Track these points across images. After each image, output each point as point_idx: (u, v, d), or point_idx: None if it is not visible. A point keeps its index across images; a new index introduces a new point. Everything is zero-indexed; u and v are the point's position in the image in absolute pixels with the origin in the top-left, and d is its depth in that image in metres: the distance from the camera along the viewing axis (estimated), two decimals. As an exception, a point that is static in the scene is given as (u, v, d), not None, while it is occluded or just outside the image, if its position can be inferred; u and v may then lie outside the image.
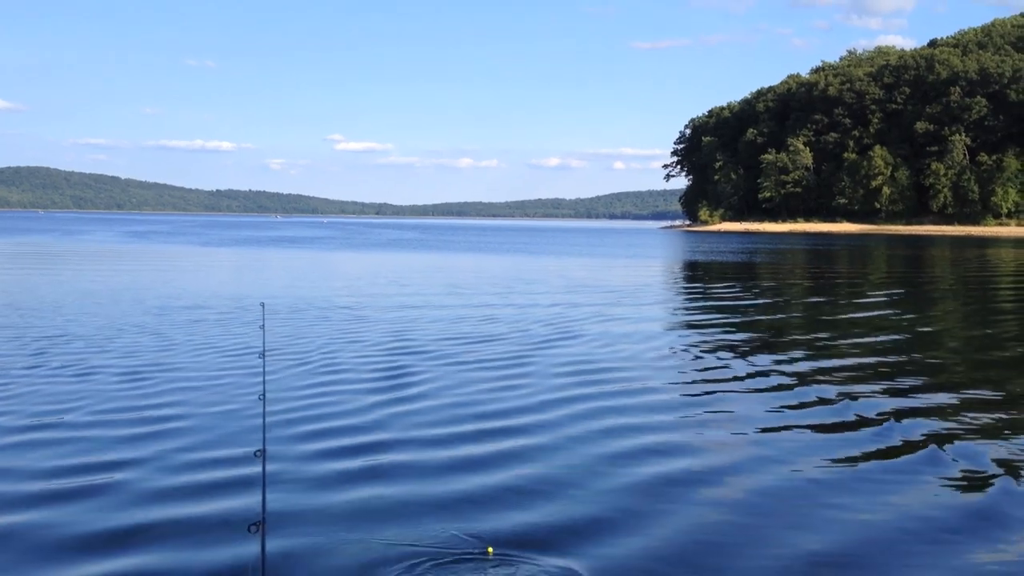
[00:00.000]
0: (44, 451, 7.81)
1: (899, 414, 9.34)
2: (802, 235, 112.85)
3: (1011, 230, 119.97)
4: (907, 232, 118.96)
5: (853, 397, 10.24)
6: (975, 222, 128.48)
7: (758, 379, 11.60)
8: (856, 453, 7.85)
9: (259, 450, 5.18)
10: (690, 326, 18.27)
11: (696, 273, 40.37)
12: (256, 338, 15.04)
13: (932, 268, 44.43)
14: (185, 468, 7.29)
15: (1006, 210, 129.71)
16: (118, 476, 7.04)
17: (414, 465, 7.44)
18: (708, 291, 28.18)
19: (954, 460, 7.64)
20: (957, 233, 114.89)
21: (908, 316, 20.37)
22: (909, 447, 8.07)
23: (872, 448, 8.03)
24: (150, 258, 45.56)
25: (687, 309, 22.70)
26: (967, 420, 9.15)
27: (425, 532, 5.84)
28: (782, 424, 9.01)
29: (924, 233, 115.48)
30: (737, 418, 9.31)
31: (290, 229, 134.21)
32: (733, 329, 17.39)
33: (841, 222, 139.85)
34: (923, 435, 8.45)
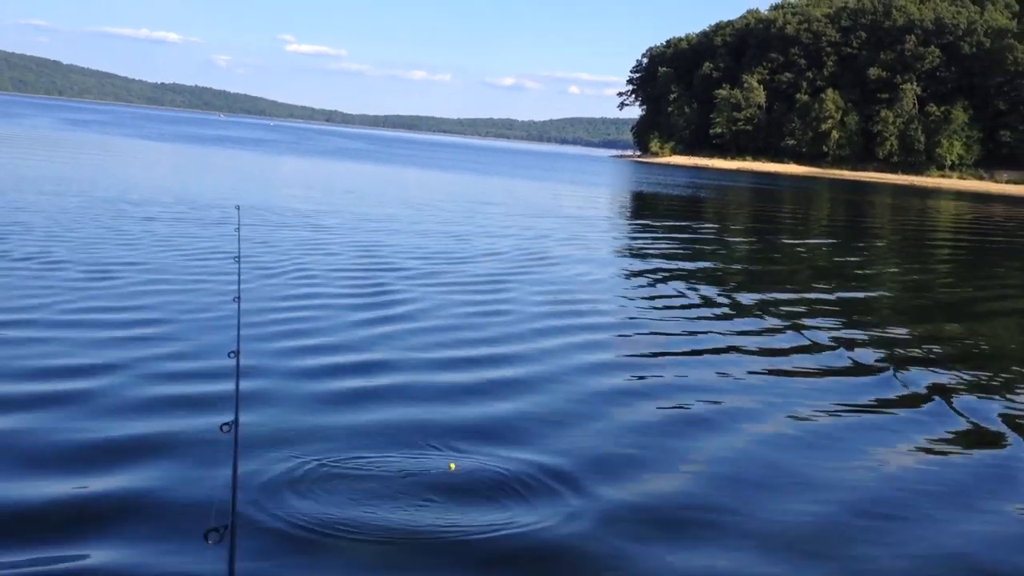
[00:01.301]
0: (18, 350, 7.47)
1: (897, 360, 9.41)
2: (750, 174, 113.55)
3: (952, 182, 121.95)
4: (852, 177, 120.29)
5: (848, 343, 10.30)
6: (919, 172, 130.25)
7: (735, 314, 11.62)
8: (853, 399, 7.89)
9: (233, 351, 5.04)
10: (643, 255, 18.27)
11: (648, 207, 40.60)
12: (219, 241, 14.64)
13: (878, 217, 45.14)
14: (161, 372, 7.08)
15: (950, 162, 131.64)
16: (96, 381, 6.76)
17: (394, 380, 7.35)
18: (663, 226, 28.21)
19: (962, 414, 7.72)
20: (901, 182, 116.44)
21: (890, 268, 20.69)
22: (912, 397, 8.13)
23: (868, 394, 8.08)
24: (90, 149, 44.00)
25: (644, 242, 22.68)
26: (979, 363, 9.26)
27: (398, 444, 5.83)
28: (773, 367, 9.01)
29: (868, 180, 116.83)
30: (719, 353, 9.30)
31: (234, 129, 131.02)
32: (691, 269, 17.40)
33: (788, 163, 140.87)
34: (926, 386, 8.52)
